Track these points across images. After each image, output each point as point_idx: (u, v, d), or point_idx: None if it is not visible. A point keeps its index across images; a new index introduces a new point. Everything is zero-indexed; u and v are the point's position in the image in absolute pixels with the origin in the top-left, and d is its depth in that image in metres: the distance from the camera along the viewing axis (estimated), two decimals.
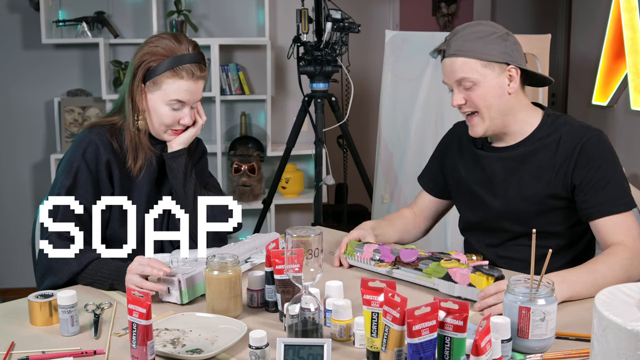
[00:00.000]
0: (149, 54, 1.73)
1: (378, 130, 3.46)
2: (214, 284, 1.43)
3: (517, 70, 1.69)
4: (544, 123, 1.75)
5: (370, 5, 4.89)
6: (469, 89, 1.69)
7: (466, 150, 1.87)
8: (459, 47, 1.68)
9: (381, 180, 3.45)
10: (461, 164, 1.88)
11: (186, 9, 3.91)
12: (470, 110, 1.72)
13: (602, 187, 1.65)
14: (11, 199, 4.05)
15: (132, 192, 1.81)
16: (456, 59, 1.68)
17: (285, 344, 1.14)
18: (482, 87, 1.68)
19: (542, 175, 1.71)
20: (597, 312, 0.96)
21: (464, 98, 1.71)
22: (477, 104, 1.70)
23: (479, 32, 1.68)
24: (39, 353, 1.27)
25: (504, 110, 1.71)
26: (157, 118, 1.77)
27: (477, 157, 1.83)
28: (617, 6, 3.59)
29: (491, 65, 1.67)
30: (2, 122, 3.98)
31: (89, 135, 1.76)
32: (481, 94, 1.68)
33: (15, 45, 3.92)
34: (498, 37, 1.68)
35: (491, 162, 1.79)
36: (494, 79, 1.68)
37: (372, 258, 1.69)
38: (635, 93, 3.46)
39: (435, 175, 2.00)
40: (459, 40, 1.68)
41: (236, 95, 4.00)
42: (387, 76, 3.38)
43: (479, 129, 1.73)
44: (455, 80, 1.70)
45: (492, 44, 1.67)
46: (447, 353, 1.09)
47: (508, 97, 1.70)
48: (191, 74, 1.72)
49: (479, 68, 1.67)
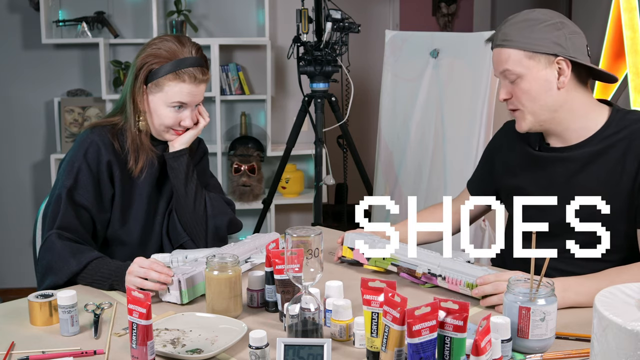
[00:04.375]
0: (152, 56, 1.73)
1: (378, 130, 3.46)
2: (214, 284, 1.43)
3: (567, 63, 1.54)
4: (613, 119, 1.58)
5: (370, 5, 4.89)
6: (513, 82, 1.57)
7: (521, 151, 1.72)
8: (505, 37, 1.56)
9: (381, 180, 3.45)
10: (517, 165, 1.73)
11: (186, 9, 3.91)
12: (514, 107, 1.61)
13: None
14: (11, 199, 4.05)
15: (133, 192, 1.81)
16: (502, 49, 1.57)
17: (285, 344, 1.14)
18: (526, 80, 1.55)
19: (610, 180, 1.55)
20: (597, 312, 0.96)
21: (509, 92, 1.59)
22: (520, 98, 1.57)
23: (528, 20, 1.55)
24: (39, 353, 1.27)
25: (552, 106, 1.57)
26: (158, 119, 1.77)
27: (534, 159, 1.68)
28: (617, 6, 3.59)
29: (537, 57, 1.54)
30: (2, 122, 3.98)
31: (90, 135, 1.77)
32: (525, 88, 1.56)
33: (15, 45, 3.92)
34: (548, 26, 1.54)
35: (550, 164, 1.64)
36: (539, 72, 1.54)
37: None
38: (635, 93, 3.47)
39: (485, 179, 1.86)
40: (506, 29, 1.57)
41: (236, 95, 4.00)
42: (387, 76, 3.38)
43: (522, 123, 1.60)
44: (500, 72, 1.59)
45: (541, 33, 1.53)
46: (447, 353, 1.09)
47: (557, 93, 1.56)
48: (193, 77, 1.73)
49: (523, 60, 1.54)
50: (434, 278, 1.56)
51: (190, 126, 1.80)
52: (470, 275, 1.49)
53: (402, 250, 1.65)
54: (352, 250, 1.74)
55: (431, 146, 3.15)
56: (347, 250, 1.75)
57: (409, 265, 1.61)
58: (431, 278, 1.57)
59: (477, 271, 1.50)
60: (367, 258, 1.70)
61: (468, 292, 1.50)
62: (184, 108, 1.76)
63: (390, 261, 1.65)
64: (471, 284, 1.49)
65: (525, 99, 1.57)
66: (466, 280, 1.50)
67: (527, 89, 1.56)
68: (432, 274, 1.56)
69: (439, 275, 1.55)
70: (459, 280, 1.51)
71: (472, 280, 1.49)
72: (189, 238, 1.85)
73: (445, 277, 1.54)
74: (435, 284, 1.57)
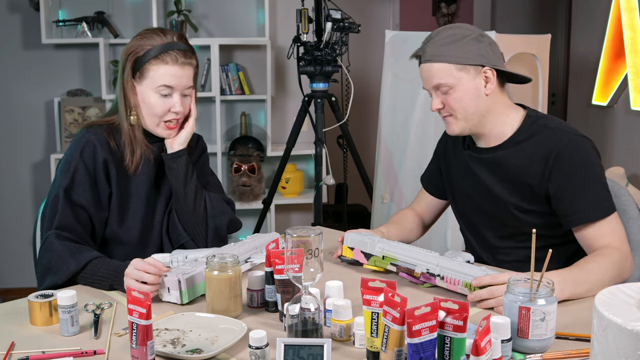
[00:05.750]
0: (135, 45, 1.75)
1: (378, 130, 3.46)
2: (214, 284, 1.43)
3: (492, 72, 1.68)
4: (524, 125, 1.73)
5: (370, 5, 4.89)
6: (445, 93, 1.70)
7: (458, 151, 1.88)
8: (433, 53, 1.68)
9: (381, 180, 3.45)
10: (454, 164, 1.89)
11: (186, 9, 3.91)
12: (448, 113, 1.73)
13: (577, 195, 1.64)
14: (11, 199, 4.05)
15: (130, 191, 1.81)
16: (432, 64, 1.69)
17: (285, 344, 1.14)
18: (458, 90, 1.68)
19: (519, 182, 1.72)
20: (597, 312, 0.96)
21: (442, 102, 1.71)
22: (454, 107, 1.70)
23: (453, 35, 1.68)
24: (39, 353, 1.27)
25: (481, 111, 1.71)
26: (149, 109, 1.76)
27: (464, 158, 1.84)
28: (617, 6, 3.59)
29: (466, 68, 1.67)
30: (2, 122, 3.98)
31: (86, 135, 1.77)
32: (457, 97, 1.69)
33: (15, 45, 3.92)
34: (472, 39, 1.67)
35: (474, 163, 1.81)
36: (469, 82, 1.68)
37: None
38: (635, 93, 3.47)
39: (434, 176, 2.01)
40: (433, 46, 1.69)
41: (236, 95, 4.00)
42: (387, 76, 3.38)
43: (454, 127, 1.73)
44: (432, 86, 1.71)
45: (466, 47, 1.67)
46: (447, 353, 1.09)
47: (485, 99, 1.70)
48: (175, 59, 1.73)
49: (454, 72, 1.67)
50: (433, 278, 1.56)
51: (181, 111, 1.77)
52: (469, 275, 1.50)
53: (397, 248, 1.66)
54: (352, 250, 1.74)
55: (431, 146, 3.14)
56: (347, 250, 1.76)
57: (408, 265, 1.61)
58: (430, 278, 1.57)
59: (475, 271, 1.50)
60: (367, 257, 1.70)
61: (467, 292, 1.50)
62: (171, 94, 1.75)
63: (389, 261, 1.65)
64: (469, 284, 1.49)
65: (458, 107, 1.70)
66: (464, 280, 1.50)
67: (459, 98, 1.69)
68: (430, 273, 1.56)
69: (437, 275, 1.55)
70: (458, 280, 1.51)
71: (470, 280, 1.49)
72: (190, 238, 1.85)
73: (444, 277, 1.54)
74: (434, 284, 1.57)
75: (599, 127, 3.85)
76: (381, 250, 1.67)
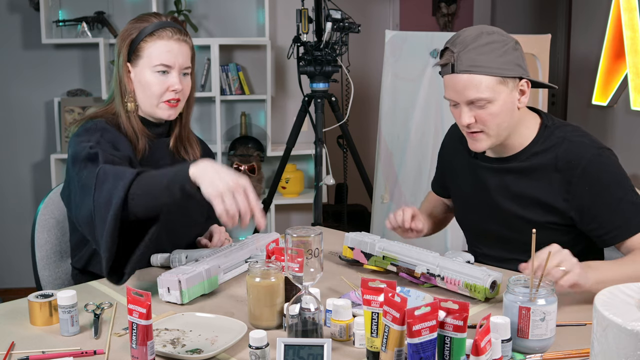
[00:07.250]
0: (129, 28, 1.74)
1: (378, 130, 3.46)
2: (254, 291, 1.37)
3: (528, 84, 1.57)
4: (540, 135, 1.64)
5: (370, 5, 4.89)
6: (481, 108, 1.54)
7: (461, 156, 1.80)
8: (472, 62, 1.50)
9: (381, 180, 3.45)
10: (459, 169, 1.82)
11: (186, 9, 3.91)
12: (479, 129, 1.58)
13: (613, 211, 1.55)
14: (11, 199, 4.05)
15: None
16: (472, 76, 1.51)
17: (285, 344, 1.14)
18: (496, 105, 1.53)
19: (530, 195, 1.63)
20: (597, 312, 0.96)
21: (474, 116, 1.55)
22: (488, 123, 1.55)
23: (493, 42, 1.51)
24: (39, 353, 1.27)
25: (512, 126, 1.59)
26: (147, 90, 1.71)
27: (471, 165, 1.76)
28: (617, 6, 3.59)
29: (506, 81, 1.53)
30: (2, 122, 3.98)
31: (98, 123, 1.70)
32: (494, 112, 1.54)
33: (15, 45, 3.92)
34: (511, 48, 1.53)
35: (485, 172, 1.72)
36: (507, 96, 1.54)
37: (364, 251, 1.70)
38: (635, 93, 3.46)
39: (439, 178, 1.97)
40: (470, 53, 1.51)
41: (236, 95, 4.00)
42: (387, 76, 3.38)
43: (483, 144, 1.60)
44: (467, 100, 1.54)
45: (506, 56, 1.51)
46: (447, 353, 1.09)
47: (517, 112, 1.58)
48: (170, 34, 1.70)
49: (495, 86, 1.51)
50: (433, 278, 1.56)
51: (179, 90, 1.71)
52: (469, 275, 1.49)
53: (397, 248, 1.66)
54: (352, 250, 1.74)
55: (431, 146, 3.15)
56: (347, 250, 1.76)
57: (408, 265, 1.61)
58: (430, 278, 1.57)
59: (475, 272, 1.50)
60: (367, 258, 1.70)
61: (467, 292, 1.50)
62: (168, 72, 1.71)
63: (390, 261, 1.65)
64: (469, 285, 1.49)
65: (492, 123, 1.56)
66: (465, 280, 1.50)
67: (495, 113, 1.54)
68: (430, 274, 1.56)
69: (437, 275, 1.55)
70: (458, 281, 1.51)
71: (470, 281, 1.49)
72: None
73: (444, 277, 1.54)
74: (434, 284, 1.57)
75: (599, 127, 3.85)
76: (381, 251, 1.67)
